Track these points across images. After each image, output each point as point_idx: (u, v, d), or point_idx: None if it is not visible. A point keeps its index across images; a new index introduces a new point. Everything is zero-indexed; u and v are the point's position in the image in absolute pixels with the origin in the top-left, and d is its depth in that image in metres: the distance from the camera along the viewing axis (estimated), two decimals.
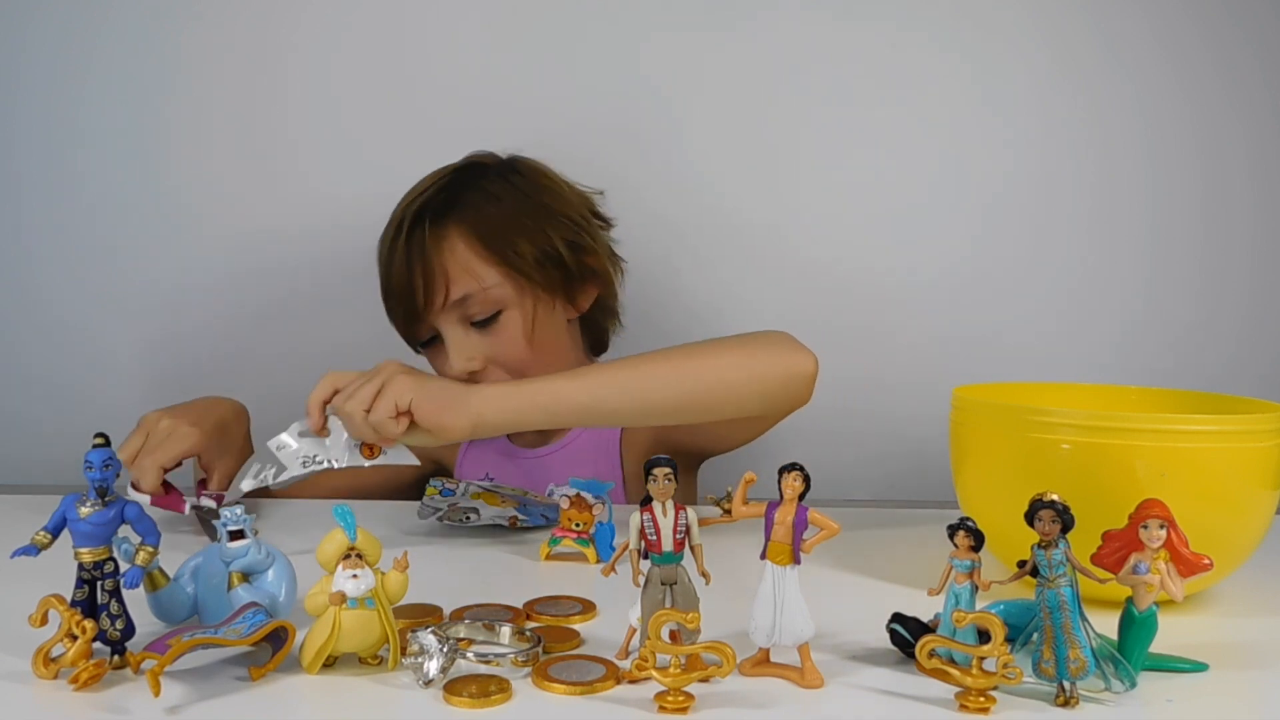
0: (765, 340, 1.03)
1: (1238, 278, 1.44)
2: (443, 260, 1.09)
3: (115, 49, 1.39)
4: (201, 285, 1.41)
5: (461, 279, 1.09)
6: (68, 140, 1.40)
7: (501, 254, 1.10)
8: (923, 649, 0.60)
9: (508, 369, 1.12)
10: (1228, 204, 1.43)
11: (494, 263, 1.10)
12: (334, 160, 1.40)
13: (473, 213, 1.11)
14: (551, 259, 1.12)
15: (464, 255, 1.10)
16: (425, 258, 1.09)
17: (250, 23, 1.39)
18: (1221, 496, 0.75)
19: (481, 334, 1.11)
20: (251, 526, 0.67)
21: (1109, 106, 1.42)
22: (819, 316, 1.43)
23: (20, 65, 1.39)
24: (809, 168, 1.42)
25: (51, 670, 0.59)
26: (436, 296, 1.10)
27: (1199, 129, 1.42)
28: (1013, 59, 1.41)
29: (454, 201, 1.12)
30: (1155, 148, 1.42)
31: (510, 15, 1.40)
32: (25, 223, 1.42)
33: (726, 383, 0.99)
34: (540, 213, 1.13)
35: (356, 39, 1.40)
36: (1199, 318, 1.44)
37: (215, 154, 1.41)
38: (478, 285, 1.10)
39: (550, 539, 0.90)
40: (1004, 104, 1.42)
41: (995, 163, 1.43)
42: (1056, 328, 1.43)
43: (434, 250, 1.10)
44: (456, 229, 1.10)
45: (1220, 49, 1.41)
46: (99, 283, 1.42)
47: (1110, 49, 1.41)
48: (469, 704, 0.57)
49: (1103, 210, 1.43)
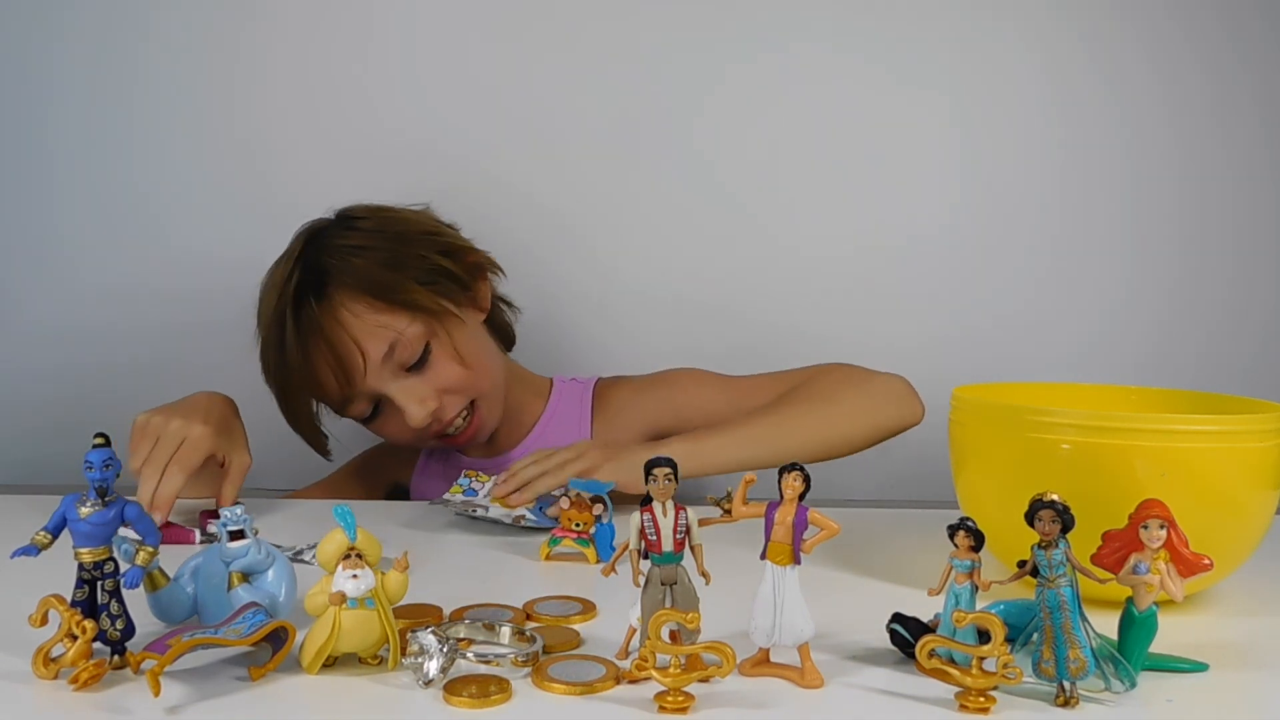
0: (888, 392, 1.04)
1: (1223, 272, 1.44)
2: (347, 330, 1.06)
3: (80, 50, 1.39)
4: (198, 284, 1.41)
5: (376, 336, 1.07)
6: (40, 135, 1.40)
7: (397, 296, 1.07)
8: (923, 649, 0.60)
9: (455, 393, 1.11)
10: (1230, 204, 1.43)
11: (396, 307, 1.07)
12: (326, 159, 1.40)
13: (347, 274, 1.08)
14: (440, 273, 1.11)
15: (365, 314, 1.07)
16: (327, 337, 1.06)
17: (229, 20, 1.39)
18: (1221, 496, 0.75)
19: (419, 376, 1.09)
20: (251, 526, 0.67)
21: (1110, 106, 1.42)
22: (819, 316, 1.43)
23: (52, 70, 1.39)
24: (809, 168, 1.43)
25: (51, 670, 0.59)
26: (357, 367, 1.07)
27: (1225, 128, 1.42)
28: (1007, 64, 1.41)
29: (322, 271, 1.08)
30: (1156, 147, 1.43)
31: (508, 21, 1.40)
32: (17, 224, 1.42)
33: (850, 438, 1.06)
34: (402, 241, 1.11)
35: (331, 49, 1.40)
36: (1187, 312, 1.44)
37: (219, 147, 1.41)
38: (395, 334, 1.07)
39: (550, 539, 0.90)
40: (1005, 107, 1.42)
41: (996, 164, 1.43)
42: (1057, 328, 1.43)
43: (332, 326, 1.06)
44: (341, 295, 1.07)
45: (1204, 47, 1.41)
46: (99, 283, 1.42)
47: (1096, 52, 1.41)
48: (469, 704, 0.57)
49: (1104, 210, 1.43)
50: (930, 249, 1.43)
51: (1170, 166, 1.43)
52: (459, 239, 1.17)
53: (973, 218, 1.43)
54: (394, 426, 1.12)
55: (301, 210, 1.15)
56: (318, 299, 1.07)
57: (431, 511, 1.06)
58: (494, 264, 1.19)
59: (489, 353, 1.17)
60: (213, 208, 1.41)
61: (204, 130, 1.41)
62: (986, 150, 1.43)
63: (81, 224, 1.41)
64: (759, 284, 1.42)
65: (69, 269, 1.42)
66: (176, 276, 1.42)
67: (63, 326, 1.42)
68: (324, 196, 1.16)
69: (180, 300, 1.42)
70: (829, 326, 1.43)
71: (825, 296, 1.43)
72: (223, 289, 1.40)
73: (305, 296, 1.07)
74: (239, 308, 1.39)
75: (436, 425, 1.11)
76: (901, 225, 1.43)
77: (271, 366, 1.10)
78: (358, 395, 1.09)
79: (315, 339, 1.07)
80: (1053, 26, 1.41)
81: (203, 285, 1.41)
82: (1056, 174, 1.43)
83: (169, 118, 1.41)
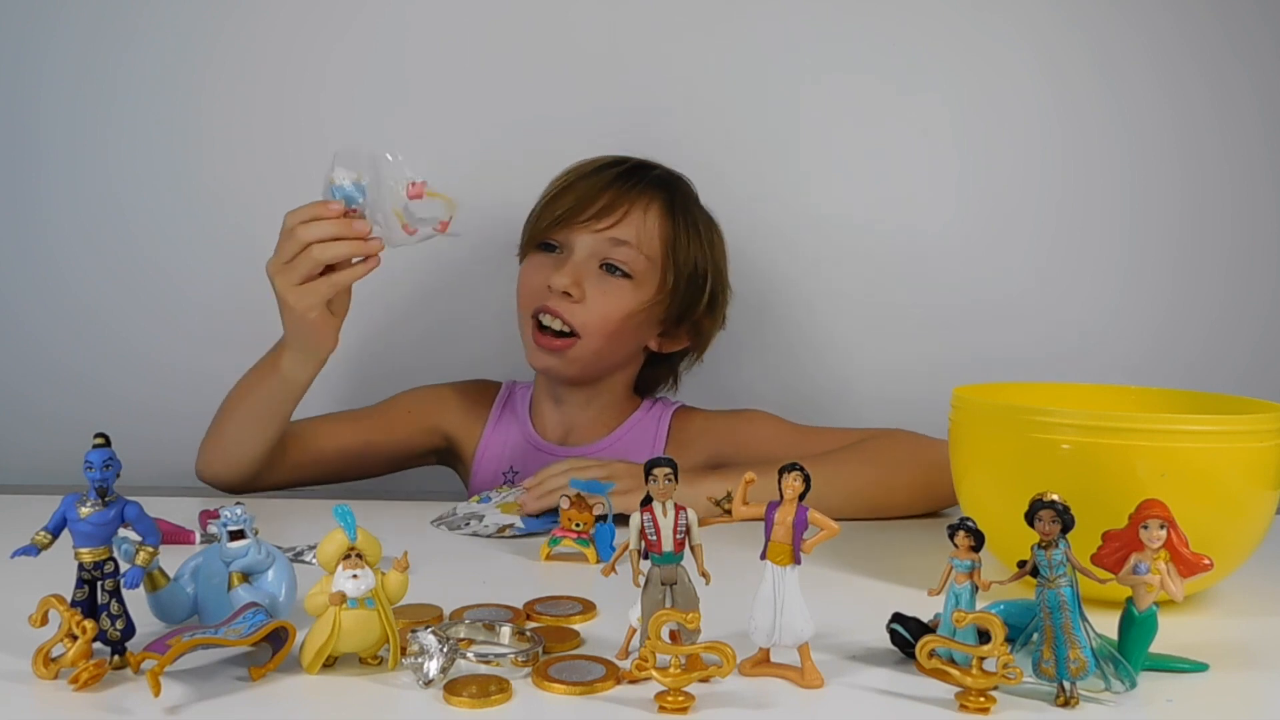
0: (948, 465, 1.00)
1: (1221, 272, 1.44)
2: (635, 204, 1.15)
3: (146, 47, 1.39)
4: (199, 284, 1.41)
5: (633, 226, 1.15)
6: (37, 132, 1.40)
7: (675, 240, 1.17)
8: (923, 649, 0.60)
9: (581, 330, 1.14)
10: (1229, 203, 1.43)
11: (664, 241, 1.16)
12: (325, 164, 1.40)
13: (682, 201, 1.20)
14: (694, 283, 1.19)
15: (652, 217, 1.16)
16: (625, 193, 1.15)
17: (277, 27, 1.40)
18: (1221, 496, 0.75)
19: (598, 278, 1.14)
20: (252, 526, 0.67)
21: (1110, 107, 1.42)
22: (819, 316, 1.43)
23: (46, 63, 1.39)
24: (809, 169, 1.42)
25: (52, 670, 0.59)
26: (604, 219, 1.14)
27: (1224, 127, 1.42)
28: (1007, 62, 1.41)
29: (674, 186, 1.21)
30: (1155, 146, 1.42)
31: (510, 20, 1.40)
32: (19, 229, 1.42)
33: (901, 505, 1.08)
34: (718, 254, 1.23)
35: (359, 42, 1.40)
36: (1184, 312, 1.44)
37: (233, 151, 1.41)
38: (637, 239, 1.14)
39: (550, 539, 0.90)
40: (1005, 107, 1.42)
41: (994, 163, 1.43)
42: (1056, 327, 1.43)
43: (636, 194, 1.16)
44: (664, 198, 1.18)
45: (1203, 46, 1.41)
46: (99, 283, 1.41)
47: (1097, 50, 1.41)
48: (469, 704, 0.57)
49: (1104, 210, 1.43)
50: (930, 249, 1.42)
51: (1169, 165, 1.42)
52: (723, 306, 1.25)
53: (973, 217, 1.43)
54: (538, 274, 1.16)
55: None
56: (652, 182, 1.18)
57: (432, 512, 1.06)
58: (700, 345, 1.26)
59: (626, 353, 1.21)
60: (215, 208, 1.41)
61: (203, 132, 1.41)
62: (985, 149, 1.42)
63: (82, 224, 1.41)
64: (760, 284, 1.42)
65: (69, 269, 1.41)
66: (178, 277, 1.41)
67: (63, 326, 1.42)
68: None
69: (181, 301, 1.41)
70: (829, 326, 1.43)
71: (825, 296, 1.42)
72: (224, 289, 1.41)
73: (650, 171, 1.20)
74: (240, 308, 1.40)
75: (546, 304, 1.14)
76: (901, 224, 1.42)
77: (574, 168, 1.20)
78: (572, 228, 1.15)
79: (620, 185, 1.16)
80: (1052, 27, 1.41)
81: (204, 286, 1.41)
82: (1056, 173, 1.42)
83: (151, 117, 1.40)
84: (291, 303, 0.95)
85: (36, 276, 1.42)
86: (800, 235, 1.42)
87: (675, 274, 1.17)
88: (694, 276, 1.19)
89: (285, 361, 1.02)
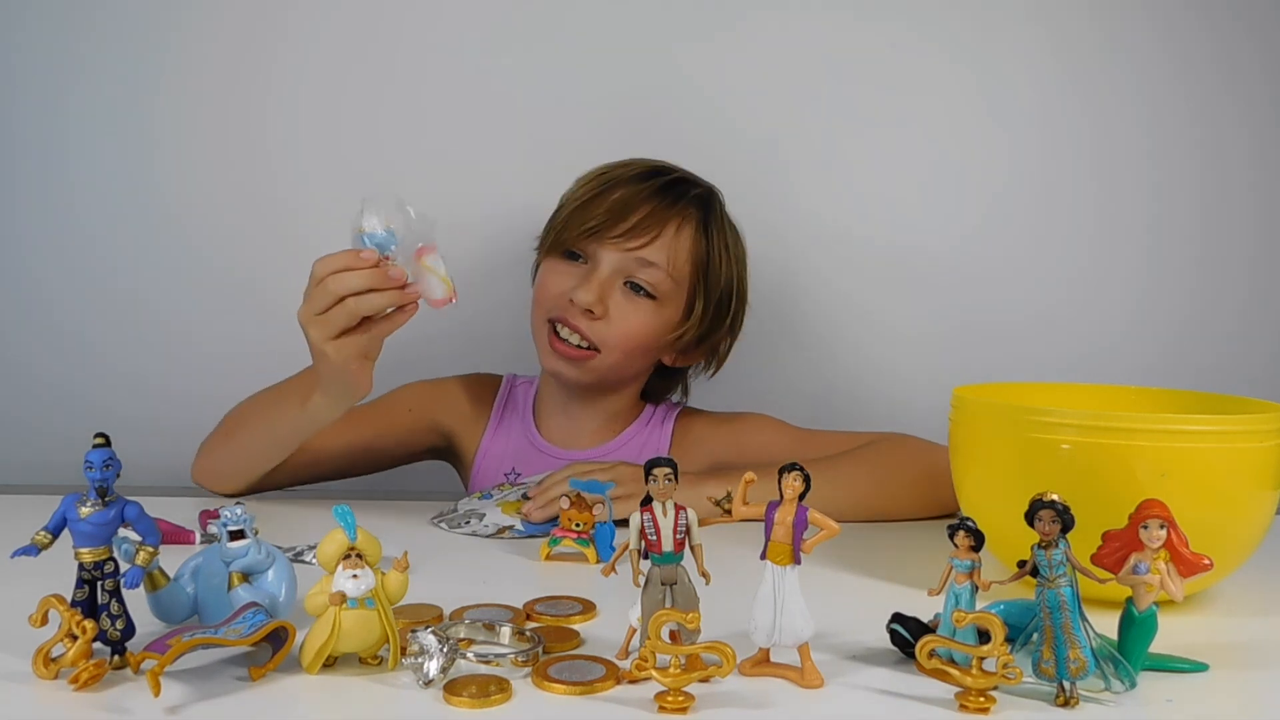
0: (940, 469, 0.99)
1: (1237, 277, 1.44)
2: (668, 224, 1.13)
3: (104, 55, 1.38)
4: (200, 285, 1.41)
5: (665, 249, 1.13)
6: (61, 146, 1.40)
7: (708, 265, 1.16)
8: (923, 649, 0.60)
9: (601, 345, 1.13)
10: (1228, 203, 1.43)
11: (694, 264, 1.15)
12: (327, 162, 1.40)
13: (716, 220, 1.18)
14: (720, 307, 1.18)
15: (684, 239, 1.14)
16: (660, 211, 1.13)
17: (241, 27, 1.38)
18: (1221, 496, 0.75)
19: (622, 296, 1.13)
20: (252, 526, 0.67)
21: (1110, 107, 1.42)
22: (819, 316, 1.43)
23: (14, 71, 1.38)
24: (809, 169, 1.42)
25: (52, 670, 0.59)
26: (636, 239, 1.12)
27: (1200, 129, 1.42)
28: (1015, 59, 1.41)
29: (709, 205, 1.18)
30: (1157, 147, 1.42)
31: (517, 20, 1.40)
32: (22, 227, 1.42)
33: (903, 509, 1.08)
34: (742, 269, 1.21)
35: (351, 39, 1.40)
36: (1200, 317, 1.44)
37: (211, 158, 1.40)
38: (666, 262, 1.12)
39: (550, 539, 0.90)
40: (1005, 106, 1.42)
41: (995, 162, 1.43)
42: (1056, 327, 1.43)
43: (672, 215, 1.13)
44: (698, 219, 1.16)
45: (1223, 48, 1.41)
46: (97, 284, 1.41)
47: (1112, 48, 1.41)
48: (469, 704, 0.57)
49: (1105, 210, 1.43)
50: (930, 249, 1.42)
51: (1188, 168, 1.42)
52: (737, 329, 1.23)
53: (974, 218, 1.43)
54: (559, 281, 1.14)
55: (311, 217, 1.15)
56: (690, 200, 1.16)
57: (432, 512, 1.06)
58: (714, 363, 1.26)
59: (641, 368, 1.21)
60: (216, 209, 1.41)
61: (204, 135, 1.41)
62: (996, 151, 1.42)
63: (82, 224, 1.41)
64: (758, 285, 1.41)
65: (69, 269, 1.41)
66: (179, 277, 1.41)
67: (63, 326, 1.42)
68: (337, 203, 1.16)
69: (182, 301, 1.41)
70: (829, 326, 1.43)
71: (826, 296, 1.42)
72: (225, 290, 1.41)
73: (691, 187, 1.17)
74: (243, 308, 1.40)
75: (565, 317, 1.12)
76: (907, 224, 1.42)
77: (608, 174, 1.16)
78: (601, 241, 1.12)
79: (657, 200, 1.13)
80: (1067, 27, 1.40)
81: (205, 286, 1.41)
82: (1061, 174, 1.42)
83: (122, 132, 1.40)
84: (330, 355, 0.91)
85: (15, 287, 1.41)
86: (806, 240, 1.42)
87: (705, 299, 1.17)
88: (721, 300, 1.18)
89: (316, 401, 0.99)
